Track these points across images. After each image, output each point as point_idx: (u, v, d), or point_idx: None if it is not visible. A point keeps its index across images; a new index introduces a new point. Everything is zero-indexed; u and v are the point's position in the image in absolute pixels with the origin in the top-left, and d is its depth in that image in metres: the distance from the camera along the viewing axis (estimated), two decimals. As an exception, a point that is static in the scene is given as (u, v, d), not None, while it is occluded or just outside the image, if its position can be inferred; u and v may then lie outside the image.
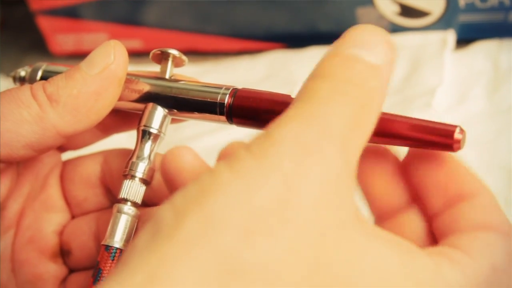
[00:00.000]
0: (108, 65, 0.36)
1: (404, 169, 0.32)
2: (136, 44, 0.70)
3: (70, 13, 0.70)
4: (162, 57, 0.38)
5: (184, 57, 0.38)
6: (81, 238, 0.40)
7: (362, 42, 0.28)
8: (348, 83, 0.27)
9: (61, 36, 0.72)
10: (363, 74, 0.27)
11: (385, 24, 0.61)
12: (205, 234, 0.23)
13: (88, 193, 0.40)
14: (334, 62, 0.27)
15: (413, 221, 0.32)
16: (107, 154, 0.41)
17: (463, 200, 0.30)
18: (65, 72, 0.36)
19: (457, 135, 0.29)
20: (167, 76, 0.37)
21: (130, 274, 0.23)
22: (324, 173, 0.25)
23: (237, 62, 0.65)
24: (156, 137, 0.37)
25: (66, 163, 0.42)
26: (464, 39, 0.61)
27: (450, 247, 0.29)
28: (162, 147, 0.38)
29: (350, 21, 0.62)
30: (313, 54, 0.62)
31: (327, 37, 0.63)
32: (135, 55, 0.71)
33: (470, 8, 0.59)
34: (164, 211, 0.25)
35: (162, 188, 0.36)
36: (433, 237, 0.32)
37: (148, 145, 0.37)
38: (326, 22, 0.64)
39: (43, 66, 0.40)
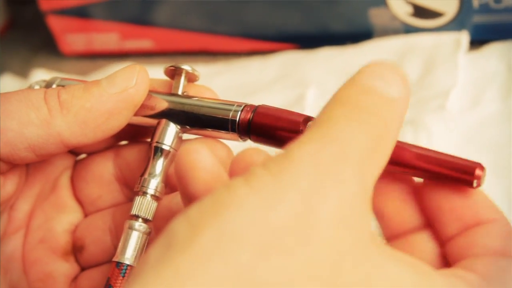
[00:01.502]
0: (127, 88, 0.36)
1: (420, 192, 0.32)
2: (147, 44, 0.70)
3: (81, 12, 0.70)
4: (175, 73, 0.38)
5: (197, 72, 0.38)
6: (96, 233, 0.40)
7: (381, 75, 0.28)
8: (366, 112, 0.27)
9: (71, 35, 0.72)
10: (380, 105, 0.28)
11: (397, 24, 0.61)
12: (220, 249, 0.23)
13: (102, 191, 0.40)
14: (352, 91, 0.28)
15: (425, 243, 0.32)
16: (118, 150, 0.41)
17: (479, 226, 0.31)
18: (84, 84, 0.36)
19: (478, 172, 0.30)
20: (179, 92, 0.38)
21: (145, 286, 0.23)
22: (341, 194, 0.25)
23: (248, 63, 0.65)
24: (168, 153, 0.37)
25: (77, 163, 0.42)
26: (478, 40, 0.60)
27: (465, 270, 0.29)
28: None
29: (362, 22, 0.62)
30: (325, 55, 0.62)
31: (340, 38, 0.63)
32: (146, 55, 0.71)
33: (484, 9, 0.58)
34: (178, 224, 0.25)
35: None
36: (445, 261, 0.32)
37: (160, 162, 0.37)
38: (338, 23, 0.63)
39: (58, 80, 0.40)
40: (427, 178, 0.32)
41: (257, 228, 0.24)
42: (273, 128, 0.35)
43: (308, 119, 0.34)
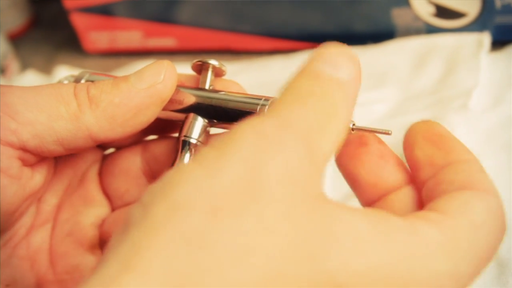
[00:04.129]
0: (155, 84, 0.36)
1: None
2: (170, 42, 0.71)
3: (104, 10, 0.70)
4: (202, 68, 0.38)
5: (224, 67, 0.38)
6: None
7: (329, 59, 0.29)
8: (314, 96, 0.28)
9: (94, 33, 0.73)
10: (328, 88, 0.28)
11: (420, 24, 0.61)
12: (170, 218, 0.24)
13: (130, 185, 0.41)
14: (303, 79, 0.29)
15: (403, 200, 0.32)
16: (146, 144, 0.41)
17: (448, 165, 0.30)
18: (113, 79, 0.37)
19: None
20: (206, 87, 0.38)
21: (105, 267, 0.23)
22: (284, 156, 0.26)
23: (270, 62, 0.65)
24: (196, 147, 0.37)
25: (105, 158, 0.42)
26: (500, 41, 0.60)
27: (427, 211, 0.29)
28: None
29: (385, 22, 0.62)
30: (347, 54, 0.62)
31: (362, 38, 0.63)
32: (169, 53, 0.71)
33: (507, 9, 0.58)
34: (132, 209, 0.26)
35: None
36: None
37: (188, 155, 0.37)
38: (360, 23, 0.63)
39: (87, 75, 0.40)
40: None
41: (204, 194, 0.24)
42: None
43: None
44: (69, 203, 0.41)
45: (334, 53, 0.29)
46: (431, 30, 0.61)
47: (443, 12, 0.60)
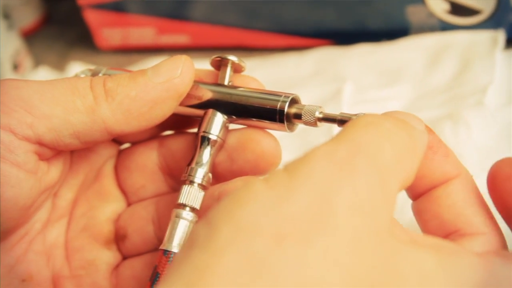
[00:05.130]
0: (172, 78, 0.36)
1: None
2: (183, 39, 0.70)
3: (117, 7, 0.70)
4: (221, 64, 0.38)
5: (243, 63, 0.38)
6: (139, 222, 0.40)
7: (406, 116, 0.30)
8: (392, 129, 0.28)
9: (107, 30, 0.73)
10: (411, 130, 0.29)
11: (434, 22, 0.61)
12: (236, 240, 0.24)
13: (146, 180, 0.41)
14: (382, 117, 0.29)
15: (451, 192, 0.32)
16: (162, 139, 0.41)
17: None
18: (130, 73, 0.37)
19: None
20: (226, 83, 0.38)
21: (169, 285, 0.23)
22: (356, 183, 0.25)
23: (284, 58, 0.65)
24: (215, 143, 0.37)
25: (120, 153, 0.42)
26: (514, 39, 0.60)
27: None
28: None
29: (399, 19, 0.62)
30: (361, 51, 0.62)
31: (376, 35, 0.63)
32: (182, 50, 0.71)
33: (522, 7, 0.58)
34: (198, 227, 0.25)
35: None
36: None
37: (207, 151, 0.37)
38: (375, 20, 0.63)
39: (103, 70, 0.40)
40: None
41: (271, 218, 0.24)
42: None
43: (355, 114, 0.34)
44: (84, 198, 0.41)
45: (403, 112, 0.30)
46: (446, 27, 0.61)
47: (457, 9, 0.60)
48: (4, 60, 0.68)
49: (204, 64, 0.39)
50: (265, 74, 0.62)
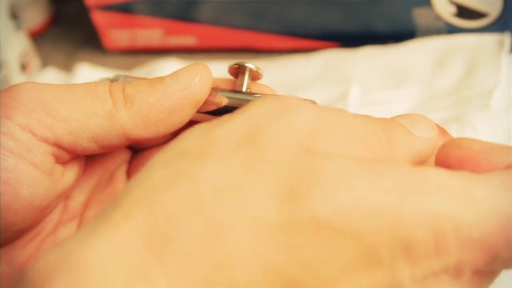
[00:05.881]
0: (191, 86, 0.37)
1: None
2: (190, 41, 0.71)
3: (125, 8, 0.71)
4: (239, 71, 0.39)
5: (260, 71, 0.39)
6: None
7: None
8: None
9: (115, 31, 0.73)
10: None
11: (441, 24, 0.61)
12: (166, 162, 0.27)
13: None
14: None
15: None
16: None
17: None
18: (149, 80, 0.37)
19: None
20: (244, 90, 0.38)
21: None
22: (287, 118, 0.28)
23: (291, 61, 0.65)
24: None
25: (133, 157, 0.42)
26: (521, 42, 0.60)
27: None
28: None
29: (406, 21, 0.62)
30: (368, 54, 0.62)
31: (382, 37, 0.63)
32: (189, 51, 0.72)
33: (528, 10, 0.58)
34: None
35: None
36: None
37: None
38: (381, 22, 0.63)
39: (122, 77, 0.40)
40: None
41: (199, 143, 0.27)
42: None
43: None
44: (96, 201, 0.41)
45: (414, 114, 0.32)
46: (452, 30, 0.61)
47: (464, 12, 0.60)
48: (12, 61, 0.68)
49: (210, 66, 0.40)
50: (271, 76, 0.63)
